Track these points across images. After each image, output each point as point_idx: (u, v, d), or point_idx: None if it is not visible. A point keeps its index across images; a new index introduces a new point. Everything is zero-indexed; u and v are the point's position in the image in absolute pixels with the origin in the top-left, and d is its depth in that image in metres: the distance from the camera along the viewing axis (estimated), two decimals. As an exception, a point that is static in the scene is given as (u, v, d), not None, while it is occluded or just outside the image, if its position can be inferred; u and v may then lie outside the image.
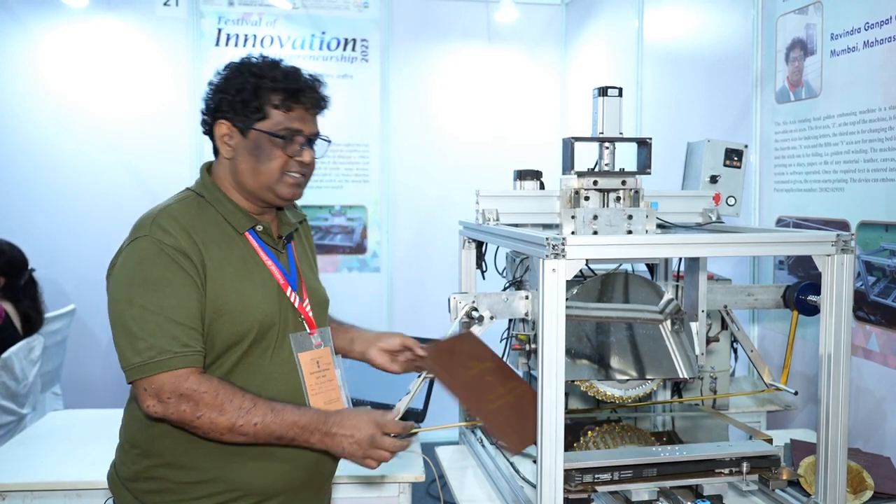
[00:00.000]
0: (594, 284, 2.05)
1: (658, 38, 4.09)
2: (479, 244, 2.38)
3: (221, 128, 1.62)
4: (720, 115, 3.48)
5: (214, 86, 1.64)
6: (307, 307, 1.71)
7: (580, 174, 1.96)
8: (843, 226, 2.63)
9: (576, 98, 5.07)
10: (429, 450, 2.46)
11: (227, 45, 4.81)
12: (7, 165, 4.61)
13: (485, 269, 2.43)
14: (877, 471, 2.10)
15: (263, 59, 1.64)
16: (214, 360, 1.57)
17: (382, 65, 5.01)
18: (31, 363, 3.62)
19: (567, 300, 1.68)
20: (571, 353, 1.99)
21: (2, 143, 4.62)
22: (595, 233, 1.89)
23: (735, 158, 2.43)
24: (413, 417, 2.62)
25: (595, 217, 1.91)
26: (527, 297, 2.00)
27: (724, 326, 2.25)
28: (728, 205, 2.41)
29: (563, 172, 2.02)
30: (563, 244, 1.58)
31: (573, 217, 1.92)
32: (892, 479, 2.10)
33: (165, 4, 4.75)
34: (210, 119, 1.64)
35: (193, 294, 1.51)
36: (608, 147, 1.99)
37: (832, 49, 2.68)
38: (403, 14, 5.04)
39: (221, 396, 1.48)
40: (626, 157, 2.07)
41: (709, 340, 2.20)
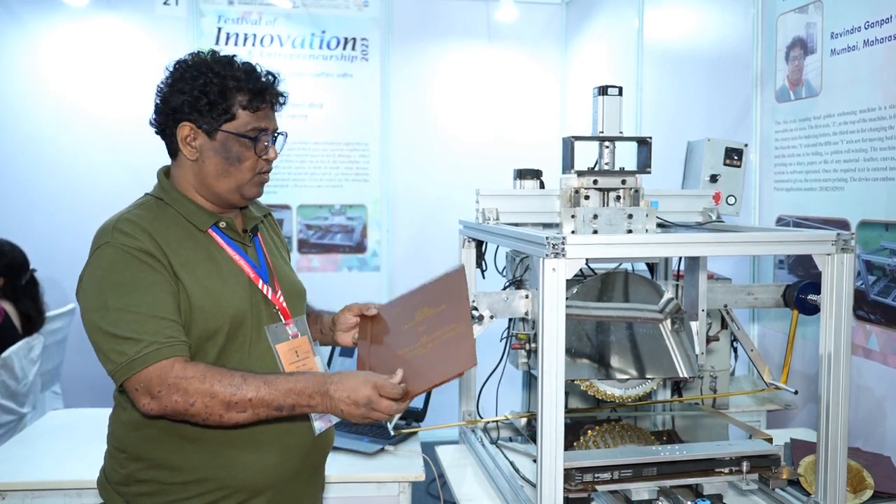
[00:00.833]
0: (594, 284, 2.05)
1: (658, 37, 4.09)
2: (479, 243, 2.38)
3: (184, 130, 1.60)
4: (720, 114, 3.48)
5: (170, 86, 1.62)
6: (280, 298, 1.69)
7: (580, 173, 1.96)
8: (844, 225, 2.63)
9: (576, 97, 5.07)
10: (429, 449, 2.46)
11: (227, 44, 4.81)
12: (7, 165, 4.61)
13: (485, 269, 2.43)
14: (877, 470, 2.10)
15: (218, 57, 1.62)
16: (192, 358, 1.55)
17: (382, 64, 5.01)
18: (31, 362, 3.62)
19: (567, 299, 1.68)
20: (571, 353, 1.99)
21: (2, 143, 4.62)
22: (595, 232, 1.89)
23: (735, 157, 2.43)
24: (413, 417, 2.62)
25: (595, 216, 1.91)
26: (527, 297, 2.00)
27: (724, 326, 2.25)
28: (728, 204, 2.41)
29: (563, 171, 2.02)
30: (563, 243, 1.58)
31: (573, 216, 1.92)
32: (892, 479, 2.10)
33: (165, 3, 4.74)
34: (166, 121, 1.62)
35: (167, 289, 1.51)
36: (608, 146, 1.99)
37: (832, 48, 2.68)
38: (403, 13, 5.04)
39: (209, 378, 1.45)
40: (626, 157, 2.07)
41: (709, 340, 2.20)
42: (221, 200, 1.64)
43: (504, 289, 2.26)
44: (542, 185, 2.34)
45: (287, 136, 1.69)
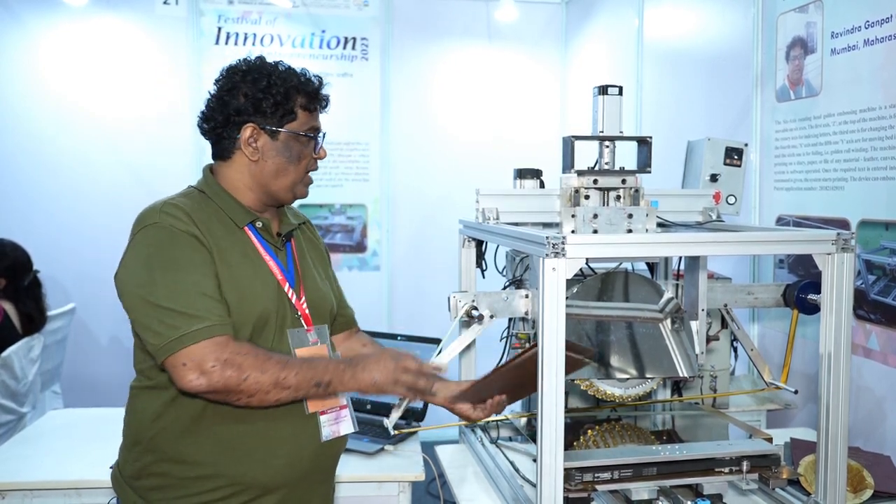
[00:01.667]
0: (594, 283, 2.05)
1: (658, 37, 4.09)
2: (479, 243, 2.38)
3: (247, 131, 1.64)
4: (720, 114, 3.47)
5: (229, 90, 1.65)
6: (304, 304, 1.72)
7: (580, 173, 1.96)
8: (844, 224, 2.63)
9: (576, 97, 5.07)
10: (429, 449, 2.46)
11: (227, 44, 4.81)
12: (7, 165, 4.61)
13: (485, 268, 2.43)
14: (877, 470, 2.09)
15: (275, 62, 1.69)
16: None
17: (382, 63, 5.01)
18: (31, 362, 3.62)
19: (567, 299, 1.68)
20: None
21: (1, 143, 4.62)
22: (595, 232, 1.89)
23: (735, 157, 2.43)
24: (413, 416, 2.62)
25: (595, 216, 1.90)
26: (527, 296, 2.00)
27: (725, 325, 2.25)
28: (728, 203, 2.40)
29: (564, 171, 2.02)
30: (563, 243, 1.58)
31: (573, 216, 1.91)
32: (892, 478, 2.10)
33: (165, 3, 4.74)
34: (226, 122, 1.65)
35: (212, 271, 1.55)
36: (608, 146, 1.99)
37: (832, 47, 2.68)
38: (403, 12, 5.04)
39: (261, 356, 1.51)
40: (627, 156, 2.07)
41: (709, 339, 2.20)
42: (273, 199, 1.70)
43: (504, 288, 2.26)
44: (542, 185, 2.33)
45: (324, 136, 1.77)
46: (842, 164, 2.65)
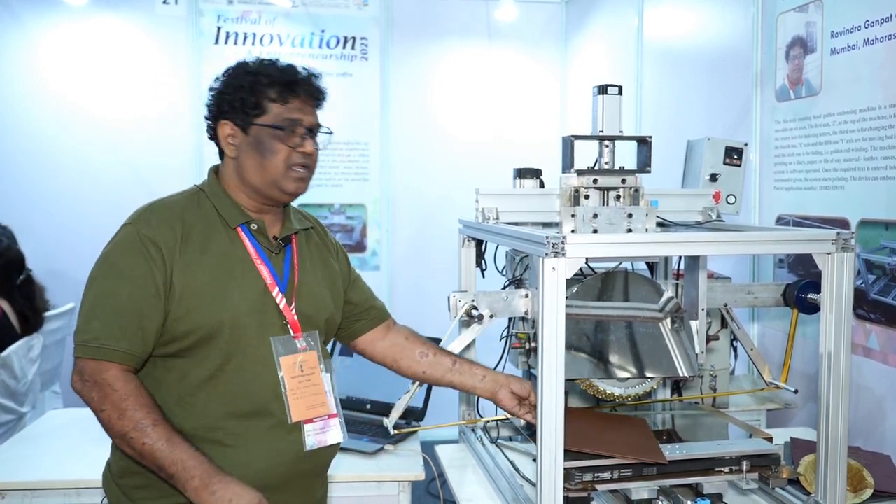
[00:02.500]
0: (594, 283, 2.04)
1: (658, 36, 4.09)
2: (479, 243, 2.38)
3: (224, 128, 1.66)
4: (720, 114, 3.47)
5: (213, 90, 1.69)
6: (293, 311, 1.69)
7: (580, 172, 1.96)
8: (844, 224, 2.63)
9: (576, 96, 5.06)
10: (428, 448, 2.46)
11: (227, 44, 4.81)
12: (7, 165, 4.61)
13: (484, 268, 2.42)
14: (877, 469, 2.09)
15: (260, 60, 1.69)
16: (194, 351, 1.58)
17: (382, 63, 5.00)
18: (31, 362, 3.62)
19: (567, 299, 1.68)
20: (571, 352, 1.99)
21: (1, 143, 4.62)
22: (595, 231, 1.89)
23: (735, 157, 2.43)
24: (413, 416, 2.62)
25: (595, 215, 1.90)
26: (526, 296, 2.00)
27: (724, 325, 2.25)
28: (728, 203, 2.40)
29: (563, 171, 2.02)
30: (563, 243, 1.58)
31: (573, 215, 1.91)
32: (892, 478, 2.10)
33: (165, 3, 4.74)
34: (214, 122, 1.69)
35: (149, 287, 1.55)
36: (608, 145, 1.99)
37: (832, 47, 2.68)
38: (403, 12, 5.04)
39: (128, 402, 1.50)
40: (626, 156, 2.07)
41: (709, 339, 2.20)
42: (262, 196, 1.68)
43: (504, 288, 2.26)
44: (542, 185, 2.33)
45: (332, 133, 1.73)
46: (842, 164, 2.65)
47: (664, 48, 4.05)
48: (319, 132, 1.71)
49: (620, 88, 1.97)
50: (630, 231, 1.91)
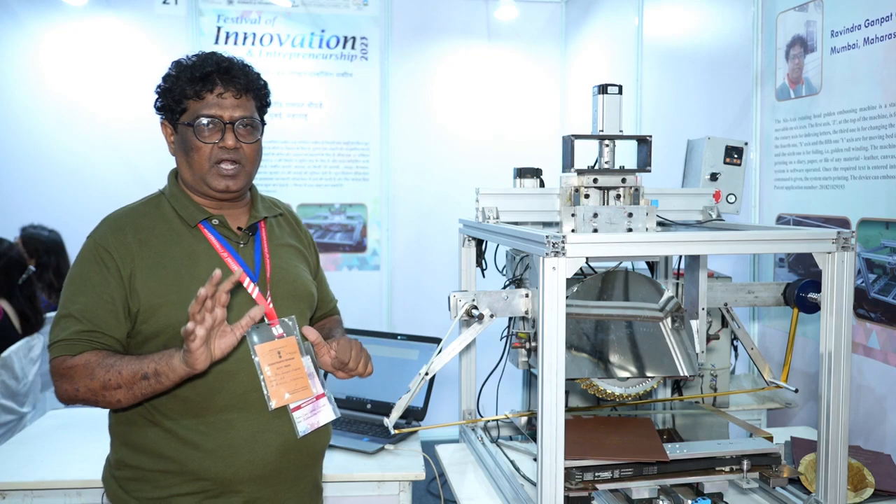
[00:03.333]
0: (594, 282, 2.04)
1: (658, 36, 4.08)
2: (479, 242, 2.37)
3: (164, 129, 1.71)
4: (720, 113, 3.47)
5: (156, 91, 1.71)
6: (268, 299, 1.68)
7: (580, 172, 1.96)
8: (844, 223, 2.63)
9: (575, 96, 5.06)
10: (429, 448, 2.46)
11: (227, 44, 4.81)
12: (7, 165, 4.61)
13: (485, 268, 2.42)
14: (877, 468, 2.09)
15: (191, 55, 1.68)
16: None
17: (382, 63, 5.00)
18: (31, 362, 3.62)
19: (567, 298, 1.68)
20: (571, 351, 1.99)
21: (2, 143, 4.62)
22: (595, 231, 1.89)
23: (735, 156, 2.42)
24: (413, 416, 2.62)
25: (595, 215, 1.90)
26: (527, 296, 2.00)
27: (725, 324, 2.25)
28: (728, 202, 2.40)
29: (563, 170, 2.01)
30: (563, 242, 1.58)
31: (573, 215, 1.91)
32: (893, 477, 2.10)
33: (165, 2, 4.74)
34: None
35: (104, 295, 1.58)
36: (608, 145, 1.99)
37: (832, 46, 2.68)
38: (403, 12, 5.04)
39: (91, 364, 1.53)
40: (626, 155, 2.07)
41: (709, 338, 2.20)
42: (199, 193, 1.69)
43: (504, 288, 2.25)
44: (542, 184, 2.33)
45: (264, 125, 1.70)
46: (842, 163, 2.65)
47: (664, 48, 4.04)
48: (241, 124, 1.63)
49: (620, 88, 1.97)
50: (630, 230, 1.91)
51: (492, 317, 1.94)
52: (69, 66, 4.67)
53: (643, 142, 1.99)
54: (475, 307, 1.91)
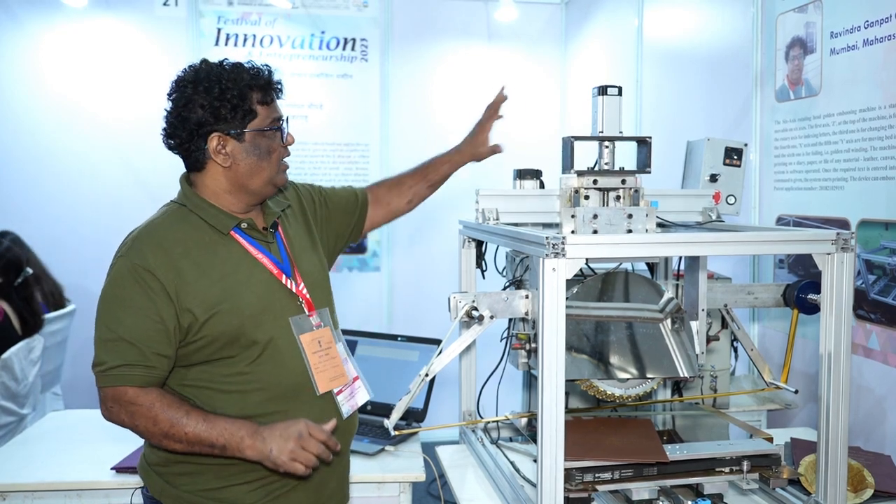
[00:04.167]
0: (594, 283, 2.05)
1: (658, 37, 4.09)
2: (479, 243, 2.38)
3: (213, 141, 1.65)
4: (720, 114, 3.47)
5: (184, 104, 1.65)
6: (303, 289, 1.76)
7: (580, 173, 1.96)
8: (844, 224, 2.63)
9: (575, 97, 5.06)
10: (429, 449, 2.46)
11: (227, 45, 4.81)
12: (7, 165, 4.61)
13: (485, 269, 2.42)
14: (877, 469, 2.10)
15: (214, 63, 1.69)
16: (224, 356, 1.64)
17: (382, 64, 5.01)
18: (32, 363, 3.62)
19: (567, 299, 1.68)
20: (571, 352, 1.99)
21: (2, 143, 4.62)
22: (595, 232, 1.89)
23: (735, 157, 2.42)
24: (413, 417, 2.62)
25: (595, 216, 1.90)
26: (527, 297, 2.00)
27: (725, 325, 2.25)
28: (728, 203, 2.40)
29: (563, 171, 2.01)
30: (563, 243, 1.58)
31: (573, 216, 1.91)
32: (893, 478, 2.10)
33: (165, 4, 4.74)
34: (191, 137, 1.66)
35: (152, 316, 1.59)
36: (608, 146, 1.99)
37: (832, 47, 2.68)
38: (403, 13, 5.04)
39: (156, 408, 1.58)
40: (626, 156, 2.07)
41: (709, 339, 2.20)
42: (255, 197, 1.73)
43: (504, 289, 2.25)
44: (542, 185, 2.33)
45: (287, 119, 1.79)
46: (841, 164, 2.65)
47: (664, 48, 4.05)
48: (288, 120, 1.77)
49: (620, 89, 1.97)
50: (630, 231, 1.91)
51: (492, 318, 1.94)
52: (69, 68, 4.67)
53: (643, 143, 1.99)
54: (475, 308, 1.91)
